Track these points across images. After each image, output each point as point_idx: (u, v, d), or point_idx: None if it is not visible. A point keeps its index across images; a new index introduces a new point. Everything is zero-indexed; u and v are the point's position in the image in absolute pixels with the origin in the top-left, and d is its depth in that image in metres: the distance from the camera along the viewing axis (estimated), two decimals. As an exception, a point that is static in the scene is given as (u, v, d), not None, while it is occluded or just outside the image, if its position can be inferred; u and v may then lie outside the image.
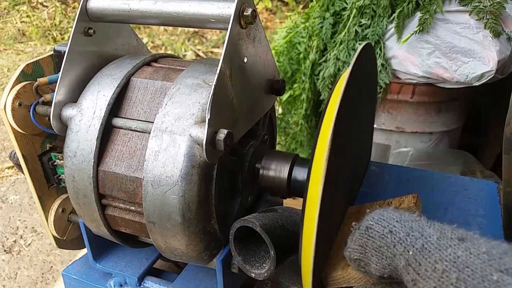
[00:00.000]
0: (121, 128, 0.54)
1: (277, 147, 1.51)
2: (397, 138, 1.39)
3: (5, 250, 1.69)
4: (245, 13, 0.48)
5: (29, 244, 1.72)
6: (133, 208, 0.54)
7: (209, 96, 0.47)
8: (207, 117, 0.45)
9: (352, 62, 0.44)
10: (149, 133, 0.50)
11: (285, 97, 1.56)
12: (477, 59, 1.10)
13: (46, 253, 1.68)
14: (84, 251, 0.73)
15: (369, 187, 0.71)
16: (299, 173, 0.58)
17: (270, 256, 0.50)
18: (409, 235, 0.34)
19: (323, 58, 1.36)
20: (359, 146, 0.63)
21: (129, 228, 0.56)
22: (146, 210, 0.50)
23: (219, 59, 0.47)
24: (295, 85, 1.52)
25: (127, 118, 0.54)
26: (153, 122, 0.50)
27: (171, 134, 0.48)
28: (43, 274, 1.59)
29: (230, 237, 0.51)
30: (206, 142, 0.46)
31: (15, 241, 1.74)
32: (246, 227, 0.50)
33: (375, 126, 1.26)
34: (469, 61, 1.11)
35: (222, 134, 0.46)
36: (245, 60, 0.52)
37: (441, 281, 0.30)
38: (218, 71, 0.46)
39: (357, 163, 0.66)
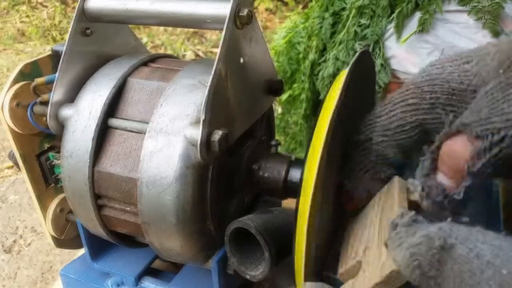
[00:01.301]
0: (117, 129, 0.54)
1: (277, 147, 1.50)
2: (397, 138, 1.39)
3: (4, 250, 1.70)
4: (240, 14, 0.48)
5: (29, 244, 1.73)
6: (128, 208, 0.54)
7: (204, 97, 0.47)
8: (202, 118, 0.45)
9: (348, 68, 0.43)
10: (145, 133, 0.50)
11: (284, 97, 1.56)
12: (476, 59, 1.09)
13: (45, 253, 1.68)
14: (83, 250, 0.73)
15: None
16: (296, 174, 0.58)
17: (265, 257, 0.49)
18: (498, 257, 0.29)
19: (323, 58, 1.36)
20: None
21: (125, 228, 0.56)
22: (141, 211, 0.49)
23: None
24: (295, 85, 1.52)
25: (124, 119, 0.54)
26: (148, 123, 0.50)
27: (166, 135, 0.48)
28: (42, 273, 1.59)
29: (225, 238, 0.51)
30: (201, 143, 0.46)
31: (14, 241, 1.74)
32: (242, 228, 0.50)
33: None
34: (469, 61, 1.11)
35: (217, 135, 0.46)
36: (242, 60, 0.52)
37: None
38: (213, 72, 0.46)
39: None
